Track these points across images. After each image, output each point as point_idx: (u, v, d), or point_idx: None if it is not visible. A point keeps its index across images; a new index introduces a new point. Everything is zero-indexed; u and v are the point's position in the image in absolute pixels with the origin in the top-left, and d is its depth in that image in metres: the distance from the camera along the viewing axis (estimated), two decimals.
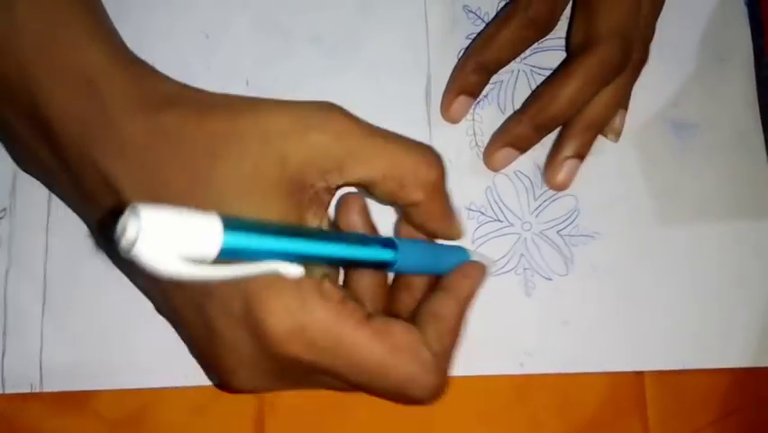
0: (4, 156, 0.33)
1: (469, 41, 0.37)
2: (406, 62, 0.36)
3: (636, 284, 0.35)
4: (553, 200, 0.36)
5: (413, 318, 0.28)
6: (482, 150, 0.36)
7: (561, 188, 0.35)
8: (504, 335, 0.34)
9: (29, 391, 0.32)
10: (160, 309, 0.31)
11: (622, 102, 0.36)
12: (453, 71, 0.36)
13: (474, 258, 0.32)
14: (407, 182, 0.27)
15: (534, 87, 0.36)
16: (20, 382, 0.32)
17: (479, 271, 0.31)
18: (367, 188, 0.27)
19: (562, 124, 0.34)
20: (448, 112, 0.35)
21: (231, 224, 0.21)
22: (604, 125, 0.36)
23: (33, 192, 0.33)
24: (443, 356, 0.27)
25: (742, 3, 0.39)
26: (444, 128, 0.36)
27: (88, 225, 0.32)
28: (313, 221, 0.27)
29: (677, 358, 0.35)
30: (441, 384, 0.27)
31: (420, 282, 0.31)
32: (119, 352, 0.33)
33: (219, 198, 0.25)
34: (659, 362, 0.35)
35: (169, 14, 0.36)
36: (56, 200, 0.33)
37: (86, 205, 0.29)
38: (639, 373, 0.35)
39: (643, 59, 0.35)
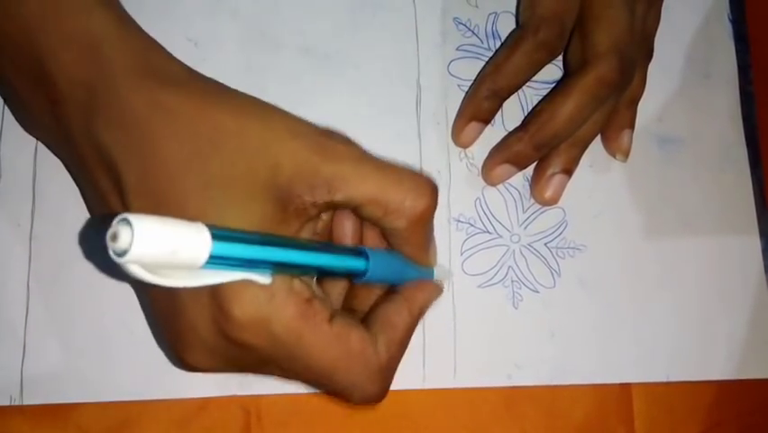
0: None
1: (460, 54, 0.37)
2: (396, 74, 0.36)
3: (622, 297, 0.36)
4: (542, 212, 0.36)
5: (368, 319, 0.29)
6: (471, 162, 0.36)
7: (549, 203, 0.36)
8: (491, 347, 0.34)
9: (8, 403, 0.31)
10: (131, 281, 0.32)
11: (629, 122, 0.36)
12: (465, 97, 0.36)
13: (438, 273, 0.32)
14: (391, 210, 0.27)
15: (524, 100, 0.37)
16: None
17: (437, 289, 0.32)
18: (352, 209, 0.28)
19: (562, 141, 0.35)
20: (459, 137, 0.36)
21: (218, 234, 0.22)
22: (590, 141, 0.36)
23: (16, 204, 0.33)
24: (389, 366, 0.28)
25: (726, 19, 0.39)
26: (434, 140, 0.36)
27: (82, 193, 0.32)
28: (293, 229, 0.27)
29: (662, 371, 0.35)
30: (381, 393, 0.28)
31: (380, 285, 0.31)
32: (102, 364, 0.32)
33: (207, 187, 0.25)
34: (644, 374, 0.35)
35: (157, 21, 0.35)
36: (39, 212, 0.33)
37: (81, 173, 0.30)
38: (626, 386, 0.35)
39: (640, 79, 0.36)
